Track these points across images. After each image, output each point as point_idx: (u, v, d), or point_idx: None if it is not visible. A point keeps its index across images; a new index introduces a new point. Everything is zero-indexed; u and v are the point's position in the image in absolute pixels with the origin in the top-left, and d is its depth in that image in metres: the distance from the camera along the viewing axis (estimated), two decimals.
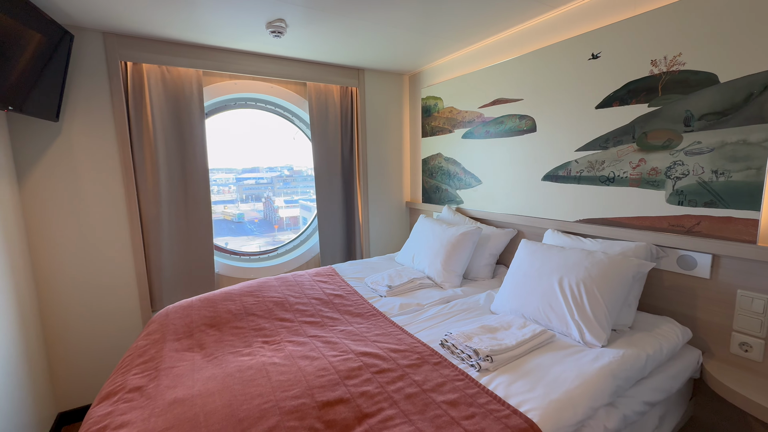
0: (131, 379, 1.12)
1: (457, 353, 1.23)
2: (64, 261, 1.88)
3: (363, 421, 0.92)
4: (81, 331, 1.95)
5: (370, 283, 1.95)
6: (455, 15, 1.75)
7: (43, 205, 1.81)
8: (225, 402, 0.96)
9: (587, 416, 0.98)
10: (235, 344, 1.34)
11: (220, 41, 2.03)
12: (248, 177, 3.11)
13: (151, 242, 2.07)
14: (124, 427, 0.89)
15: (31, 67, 1.51)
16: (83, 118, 1.86)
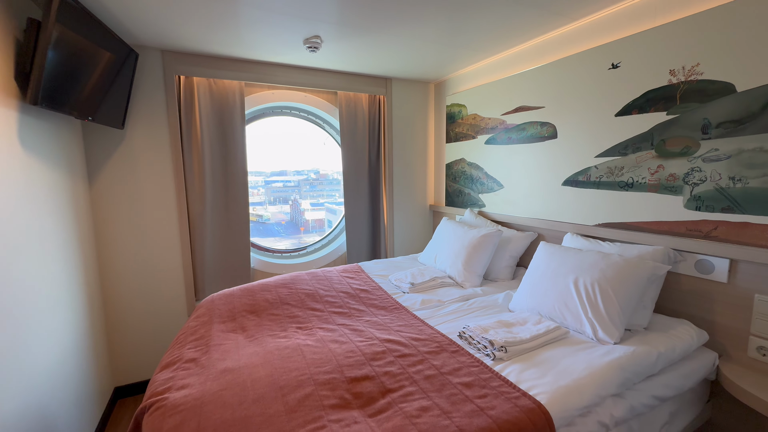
0: (187, 353, 1.29)
1: (474, 344, 1.33)
2: (124, 252, 2.12)
3: (386, 394, 1.04)
4: (135, 315, 2.18)
5: (394, 280, 2.07)
6: (479, 28, 1.86)
7: (108, 202, 2.06)
8: (267, 373, 1.11)
9: (594, 403, 1.05)
10: (273, 328, 1.50)
11: (261, 55, 2.23)
12: (276, 180, 3.30)
13: (196, 237, 2.29)
14: (185, 388, 1.06)
15: (102, 82, 1.74)
16: (143, 126, 2.11)
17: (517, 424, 0.92)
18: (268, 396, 1.00)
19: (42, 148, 1.49)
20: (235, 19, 1.70)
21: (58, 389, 1.47)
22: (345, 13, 1.66)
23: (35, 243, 1.38)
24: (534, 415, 0.95)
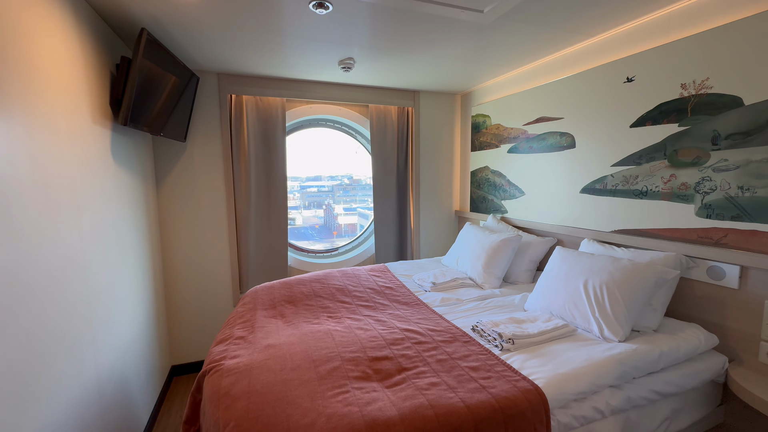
0: (236, 332, 1.53)
1: (485, 336, 1.46)
2: (182, 248, 2.45)
3: (402, 372, 1.21)
4: (189, 303, 2.50)
5: (417, 280, 2.24)
6: (501, 47, 1.99)
7: (171, 204, 2.40)
8: (302, 349, 1.32)
9: (590, 391, 1.16)
10: (307, 316, 1.72)
11: (300, 75, 2.49)
12: (311, 185, 3.54)
13: (241, 236, 2.58)
14: (237, 358, 1.29)
15: (170, 102, 2.06)
16: (201, 139, 2.43)
17: (514, 401, 1.05)
18: (303, 366, 1.20)
19: (125, 160, 1.82)
20: (280, 47, 1.96)
21: (133, 359, 1.77)
22: (376, 39, 1.87)
23: (121, 235, 1.68)
24: (530, 395, 1.08)
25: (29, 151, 1.03)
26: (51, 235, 1.11)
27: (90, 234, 1.38)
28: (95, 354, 1.37)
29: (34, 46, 1.09)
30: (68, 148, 1.26)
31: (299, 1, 1.46)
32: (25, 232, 0.99)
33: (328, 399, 1.04)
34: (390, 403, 1.03)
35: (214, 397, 1.12)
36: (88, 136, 1.42)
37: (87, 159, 1.40)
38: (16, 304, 0.93)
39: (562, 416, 1.11)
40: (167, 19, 1.63)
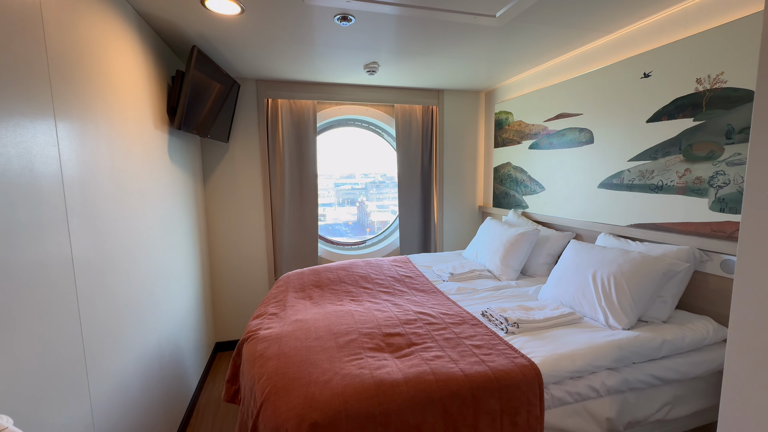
0: (270, 309, 1.75)
1: (493, 320, 1.57)
2: (225, 237, 2.73)
3: (411, 346, 1.36)
4: (231, 286, 2.79)
5: (436, 270, 2.36)
6: (522, 45, 2.06)
7: (215, 198, 2.69)
8: (325, 324, 1.50)
9: (586, 370, 1.25)
10: (331, 299, 1.90)
11: (329, 79, 2.69)
12: (345, 182, 3.70)
13: (276, 228, 2.83)
14: (270, 329, 1.49)
15: (215, 107, 2.32)
16: (241, 140, 2.70)
17: (509, 373, 1.17)
18: (325, 337, 1.38)
19: (179, 159, 2.10)
20: (310, 55, 2.16)
21: (185, 332, 2.05)
22: (397, 45, 2.01)
23: (175, 224, 1.96)
24: (525, 369, 1.18)
25: (109, 152, 1.28)
26: (124, 221, 1.37)
27: (152, 221, 1.65)
28: (156, 322, 1.64)
29: (111, 65, 1.34)
30: (136, 149, 1.52)
31: (326, 16, 1.64)
32: (107, 218, 1.24)
33: (344, 363, 1.21)
34: (397, 369, 1.18)
35: (251, 358, 1.33)
36: (150, 139, 1.68)
37: (150, 159, 1.66)
38: (101, 274, 1.18)
39: (557, 391, 1.21)
40: (213, 36, 1.87)
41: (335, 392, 1.06)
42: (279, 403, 1.05)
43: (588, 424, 1.24)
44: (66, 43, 1.05)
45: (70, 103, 1.05)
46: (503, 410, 1.12)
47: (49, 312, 0.90)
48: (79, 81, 1.11)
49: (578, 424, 1.22)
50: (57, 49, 1.01)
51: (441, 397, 1.09)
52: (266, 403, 1.08)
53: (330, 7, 1.55)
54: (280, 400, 1.06)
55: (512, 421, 1.13)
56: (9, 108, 0.81)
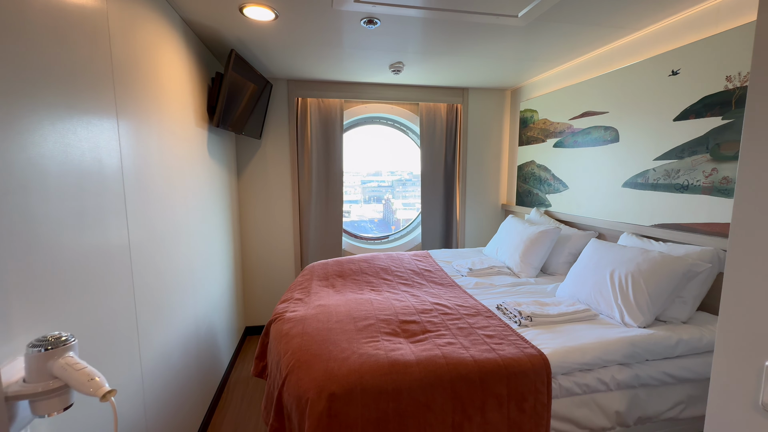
0: (295, 294, 1.88)
1: (507, 313, 1.62)
2: (256, 228, 2.91)
3: (425, 333, 1.43)
4: (260, 273, 2.96)
5: (456, 266, 2.41)
6: (546, 44, 2.07)
7: (248, 191, 2.86)
8: (346, 310, 1.60)
9: (596, 364, 1.27)
10: (353, 288, 2.01)
11: (356, 78, 2.79)
12: (371, 180, 3.77)
13: (303, 220, 2.97)
14: (295, 312, 1.62)
15: (249, 106, 2.48)
16: (272, 137, 2.86)
17: (518, 361, 1.22)
18: (344, 320, 1.49)
19: (216, 154, 2.27)
20: (339, 56, 2.26)
21: (219, 313, 2.22)
22: (421, 45, 2.08)
23: (211, 214, 2.13)
24: (534, 359, 1.23)
25: (158, 147, 1.44)
26: (169, 210, 1.53)
27: (192, 212, 1.81)
28: (195, 303, 1.80)
29: (161, 68, 1.50)
30: (181, 145, 1.68)
31: (353, 20, 1.73)
32: (155, 206, 1.40)
33: (362, 344, 1.31)
34: (410, 351, 1.27)
35: (277, 336, 1.45)
36: (192, 136, 1.85)
37: (192, 154, 1.83)
38: (150, 256, 1.33)
39: (565, 381, 1.25)
40: (250, 40, 2.01)
41: (352, 368, 1.16)
42: (302, 375, 1.16)
43: (596, 415, 1.27)
44: (126, 50, 1.20)
45: (128, 102, 1.20)
46: (510, 395, 1.18)
47: (111, 285, 1.05)
48: (135, 83, 1.26)
49: (586, 415, 1.26)
50: (119, 55, 1.16)
51: (450, 379, 1.16)
52: (290, 375, 1.19)
53: (357, 12, 1.64)
54: (302, 372, 1.17)
55: (519, 406, 1.18)
56: (83, 108, 0.96)
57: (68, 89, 0.90)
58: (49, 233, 0.81)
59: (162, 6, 1.51)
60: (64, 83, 0.89)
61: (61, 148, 0.87)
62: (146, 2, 1.37)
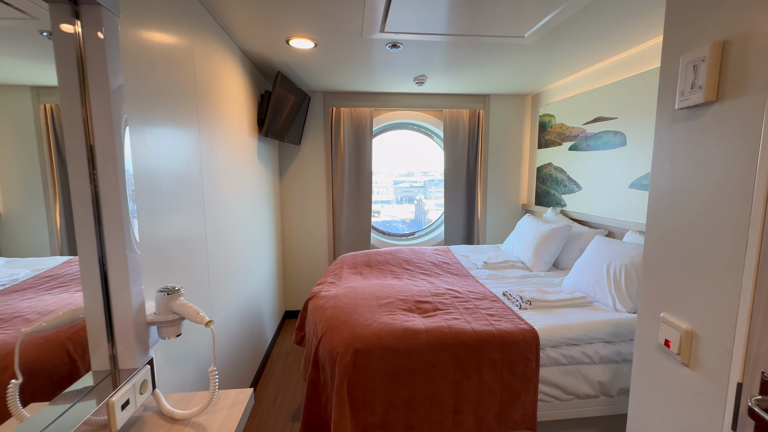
0: (328, 279, 2.21)
1: (511, 299, 1.84)
2: (295, 223, 3.29)
3: (436, 311, 1.70)
4: (297, 263, 3.34)
5: (473, 259, 2.64)
6: (558, 58, 2.26)
7: (288, 191, 3.25)
8: (370, 291, 1.90)
9: (582, 340, 1.48)
10: (377, 275, 2.30)
11: (383, 89, 3.09)
12: (404, 180, 3.99)
13: (336, 217, 3.32)
14: (328, 291, 1.94)
15: (290, 117, 2.85)
16: (310, 143, 3.22)
17: (511, 333, 1.46)
18: (368, 298, 1.79)
19: (263, 159, 2.65)
20: (369, 72, 2.57)
21: (264, 296, 2.60)
22: (441, 62, 2.34)
23: (259, 211, 2.51)
24: (525, 332, 1.46)
25: (223, 155, 1.81)
26: (229, 205, 1.90)
27: (245, 208, 2.19)
28: (247, 282, 2.18)
29: (225, 87, 1.87)
30: (238, 152, 2.05)
31: (379, 45, 2.03)
32: (221, 202, 1.77)
33: (382, 315, 1.60)
34: (421, 323, 1.54)
35: (313, 309, 1.78)
36: (246, 144, 2.23)
37: (245, 159, 2.21)
38: (218, 243, 1.70)
39: (552, 353, 1.47)
40: (293, 63, 2.37)
41: (373, 332, 1.45)
42: (333, 336, 1.47)
43: (581, 384, 1.47)
44: (203, 75, 1.57)
45: (204, 117, 1.57)
46: (503, 360, 1.42)
47: (195, 263, 1.42)
48: (208, 101, 1.63)
49: (571, 383, 1.47)
50: (200, 79, 1.53)
51: (452, 344, 1.42)
52: (324, 336, 1.51)
53: (382, 39, 1.94)
54: (334, 334, 1.48)
55: (510, 370, 1.42)
56: (179, 121, 1.32)
57: (172, 107, 1.27)
58: (162, 223, 1.18)
59: (227, 40, 1.89)
60: (170, 103, 1.25)
61: (169, 155, 1.23)
62: (216, 38, 1.74)
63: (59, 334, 0.80)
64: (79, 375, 0.79)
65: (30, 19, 0.70)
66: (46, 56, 0.73)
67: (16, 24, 0.68)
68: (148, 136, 1.12)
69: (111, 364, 0.88)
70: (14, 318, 0.72)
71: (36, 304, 0.76)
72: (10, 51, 0.67)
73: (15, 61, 0.68)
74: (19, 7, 0.67)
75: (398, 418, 1.37)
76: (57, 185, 0.76)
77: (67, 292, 0.80)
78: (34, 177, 0.71)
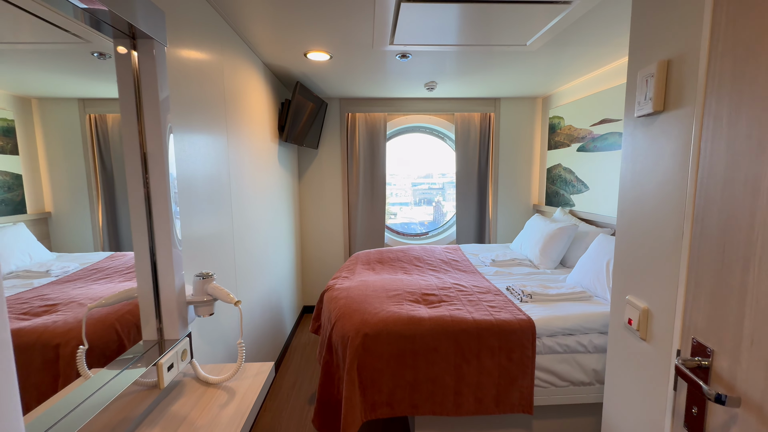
0: (343, 274, 2.37)
1: (514, 293, 1.95)
2: (312, 222, 3.48)
3: (441, 302, 1.83)
4: (315, 260, 3.52)
5: (481, 257, 2.75)
6: (564, 62, 2.35)
7: (306, 192, 3.44)
8: (381, 284, 2.05)
9: (577, 330, 1.57)
10: (389, 270, 2.45)
11: (396, 94, 3.23)
12: (422, 182, 4.08)
13: (351, 217, 3.48)
14: (342, 284, 2.10)
15: (308, 122, 3.04)
16: (327, 147, 3.41)
17: (509, 322, 1.57)
18: (378, 291, 1.93)
19: (283, 163, 2.85)
20: (382, 79, 2.73)
21: (284, 290, 2.79)
22: (449, 68, 2.47)
23: (279, 211, 2.70)
24: (522, 321, 1.57)
25: (248, 159, 2.00)
26: (253, 205, 2.09)
27: (267, 208, 2.38)
28: (269, 276, 2.37)
29: (249, 97, 2.07)
30: (261, 156, 2.25)
31: (389, 55, 2.18)
32: (245, 202, 1.96)
33: (390, 305, 1.74)
34: (425, 312, 1.67)
35: (328, 300, 1.94)
36: (268, 148, 2.42)
37: (267, 163, 2.40)
38: (242, 239, 1.89)
39: (548, 341, 1.57)
40: (311, 73, 2.55)
41: (381, 319, 1.59)
42: (345, 322, 1.62)
43: (575, 371, 1.57)
44: (231, 86, 1.76)
45: (231, 125, 1.76)
46: (501, 347, 1.53)
47: (224, 256, 1.60)
48: (235, 110, 1.82)
49: (566, 370, 1.57)
50: (228, 90, 1.72)
51: (454, 331, 1.55)
52: (337, 322, 1.66)
53: (392, 50, 2.09)
54: (346, 320, 1.63)
55: (508, 356, 1.53)
56: (211, 128, 1.51)
57: (205, 116, 1.46)
58: (197, 220, 1.36)
59: (251, 55, 2.09)
60: (203, 112, 1.44)
61: (203, 160, 1.42)
62: (242, 54, 1.94)
63: (109, 316, 0.97)
64: (125, 350, 0.95)
65: (84, 42, 0.82)
66: (94, 73, 0.83)
67: (71, 47, 0.77)
68: (186, 143, 1.31)
69: (158, 334, 1.06)
70: (71, 302, 0.89)
71: (87, 292, 0.93)
72: (64, 69, 0.76)
73: (66, 77, 0.76)
74: (83, 36, 0.79)
75: (403, 397, 1.51)
76: (99, 188, 0.85)
77: (111, 282, 0.94)
78: (79, 180, 0.78)
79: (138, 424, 0.91)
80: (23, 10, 0.65)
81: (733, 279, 0.59)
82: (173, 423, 0.92)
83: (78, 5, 0.73)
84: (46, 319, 0.75)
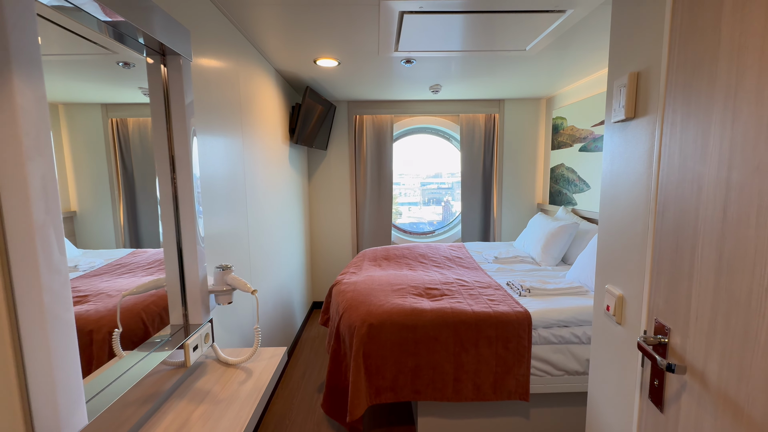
0: (350, 269, 2.48)
1: (514, 288, 2.03)
2: (321, 221, 3.60)
3: (443, 296, 1.92)
4: (323, 257, 3.65)
5: (485, 255, 2.83)
6: (564, 65, 2.42)
7: (316, 192, 3.57)
8: (386, 279, 2.15)
9: (572, 322, 1.65)
10: (394, 267, 2.55)
11: (402, 96, 3.34)
12: (431, 182, 4.14)
13: (359, 216, 3.60)
14: (350, 279, 2.21)
15: (317, 125, 3.16)
16: (335, 149, 3.53)
17: (506, 314, 1.66)
18: (383, 285, 2.04)
19: (294, 164, 2.98)
20: (388, 83, 2.83)
21: (294, 286, 2.92)
22: (457, 72, 2.56)
23: (290, 210, 2.83)
24: (519, 313, 1.66)
25: (261, 160, 2.13)
26: (265, 204, 2.21)
27: (278, 207, 2.50)
28: (280, 272, 2.49)
29: (262, 101, 2.19)
30: (273, 158, 2.37)
31: (395, 61, 2.28)
32: (258, 201, 2.08)
33: (394, 298, 1.85)
34: (427, 304, 1.77)
35: (336, 293, 2.05)
36: (280, 150, 2.55)
37: (278, 164, 2.53)
38: (256, 236, 2.01)
39: (544, 332, 1.65)
40: (320, 78, 2.67)
41: (385, 310, 1.70)
42: (352, 313, 1.73)
43: (570, 361, 1.65)
44: (246, 91, 1.89)
45: (246, 128, 1.89)
46: (498, 337, 1.62)
47: (240, 251, 1.73)
48: (249, 113, 1.95)
49: (561, 360, 1.65)
50: (243, 95, 1.84)
51: (453, 322, 1.64)
52: (345, 313, 1.77)
53: (397, 56, 2.19)
54: (352, 311, 1.74)
55: (505, 345, 1.62)
56: (228, 131, 1.63)
57: (223, 120, 1.58)
58: (216, 217, 1.49)
59: (264, 63, 2.21)
60: (221, 116, 1.57)
61: (222, 161, 1.54)
62: (256, 61, 2.06)
63: (136, 306, 1.09)
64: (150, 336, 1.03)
65: (111, 53, 0.89)
66: (117, 80, 0.88)
67: (99, 58, 0.82)
68: (207, 146, 1.43)
69: (184, 320, 1.18)
70: (99, 294, 1.01)
71: (113, 285, 1.04)
72: (90, 77, 0.80)
73: (91, 84, 0.80)
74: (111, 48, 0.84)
75: (406, 383, 1.61)
76: (121, 188, 0.88)
77: (135, 276, 1.02)
78: (102, 181, 0.81)
79: (168, 396, 1.04)
80: (77, 35, 0.77)
81: (684, 264, 0.67)
82: (198, 396, 1.04)
83: (121, 31, 0.85)
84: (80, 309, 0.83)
